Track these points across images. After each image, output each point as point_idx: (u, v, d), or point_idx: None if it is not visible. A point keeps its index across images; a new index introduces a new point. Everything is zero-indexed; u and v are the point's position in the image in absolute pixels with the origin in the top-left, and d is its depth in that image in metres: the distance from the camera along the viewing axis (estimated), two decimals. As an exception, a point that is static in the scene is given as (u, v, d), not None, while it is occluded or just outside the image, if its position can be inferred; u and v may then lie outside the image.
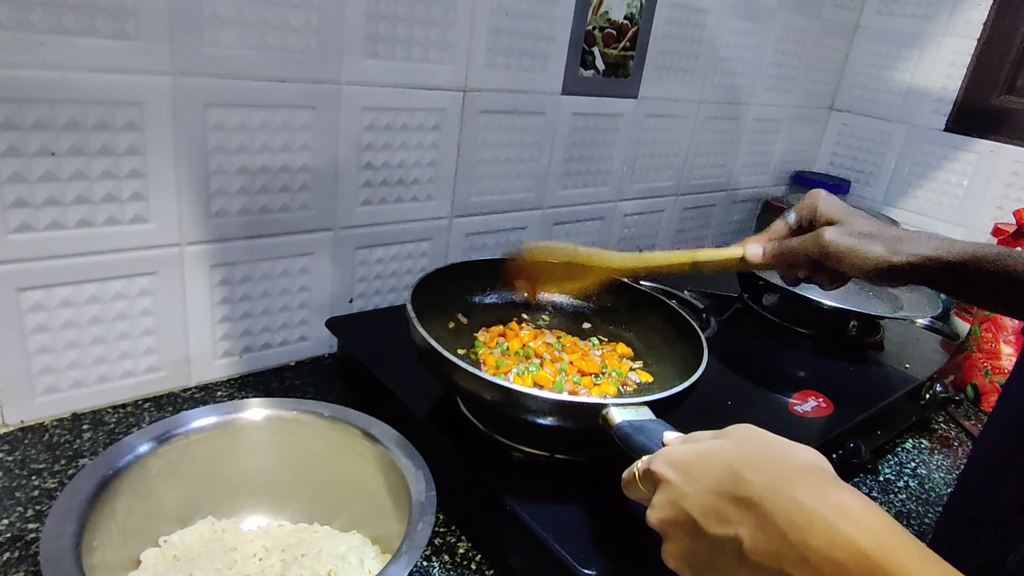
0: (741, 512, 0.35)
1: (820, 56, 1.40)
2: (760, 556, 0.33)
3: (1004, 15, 1.26)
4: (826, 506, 0.32)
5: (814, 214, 0.59)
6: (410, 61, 0.80)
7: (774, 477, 0.34)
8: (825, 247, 0.55)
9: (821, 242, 0.56)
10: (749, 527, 0.34)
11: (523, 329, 0.75)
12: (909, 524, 0.75)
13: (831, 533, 0.31)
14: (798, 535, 0.32)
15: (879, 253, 0.54)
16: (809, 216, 0.59)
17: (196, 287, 0.74)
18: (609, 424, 0.51)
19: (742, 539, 0.34)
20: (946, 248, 0.54)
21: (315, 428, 0.58)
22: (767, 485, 0.34)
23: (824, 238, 0.56)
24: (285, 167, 0.75)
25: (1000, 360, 1.01)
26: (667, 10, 1.05)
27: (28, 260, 0.63)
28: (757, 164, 1.42)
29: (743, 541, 0.34)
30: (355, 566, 0.52)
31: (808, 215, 0.59)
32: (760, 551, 0.33)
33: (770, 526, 0.33)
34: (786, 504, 0.33)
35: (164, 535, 0.53)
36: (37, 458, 0.65)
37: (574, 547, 0.51)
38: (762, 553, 0.33)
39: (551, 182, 1.04)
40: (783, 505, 0.33)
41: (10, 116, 0.58)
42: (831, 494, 0.33)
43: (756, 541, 0.33)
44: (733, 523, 0.35)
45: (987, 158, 1.31)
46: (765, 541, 0.33)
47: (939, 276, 0.55)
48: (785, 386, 0.81)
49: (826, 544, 0.31)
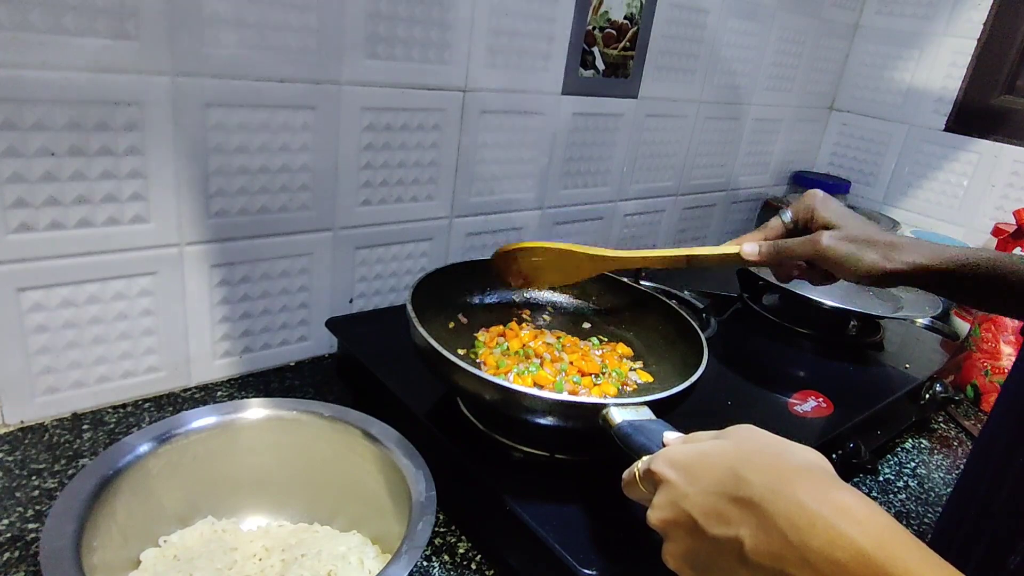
0: (742, 512, 0.35)
1: (820, 56, 1.40)
2: (761, 557, 0.33)
3: (1004, 15, 1.26)
4: (827, 507, 0.32)
5: (811, 215, 0.60)
6: (410, 61, 0.80)
7: (775, 477, 0.34)
8: (822, 252, 0.57)
9: (818, 248, 0.57)
10: (750, 528, 0.34)
11: (523, 329, 0.75)
12: (909, 524, 0.75)
13: (832, 534, 0.31)
14: (799, 536, 0.32)
15: (873, 260, 0.56)
16: (805, 217, 0.60)
17: (196, 287, 0.74)
18: (609, 424, 0.51)
19: (743, 540, 0.34)
20: (939, 255, 0.56)
21: (315, 428, 0.58)
22: (768, 485, 0.34)
23: (821, 244, 0.57)
24: (285, 167, 0.75)
25: (1000, 360, 1.01)
26: (667, 10, 1.05)
27: (28, 260, 0.63)
28: (757, 164, 1.42)
29: (744, 542, 0.34)
30: (355, 566, 0.52)
31: (804, 216, 0.60)
32: (761, 552, 0.33)
33: (771, 527, 0.33)
34: (787, 505, 0.33)
35: (164, 535, 0.53)
36: (37, 458, 0.65)
37: (574, 547, 0.51)
38: (763, 554, 0.33)
39: (551, 182, 1.04)
40: (784, 506, 0.33)
41: (10, 116, 0.58)
42: (832, 494, 0.33)
43: (757, 542, 0.33)
44: (734, 524, 0.35)
45: (987, 158, 1.31)
46: (766, 542, 0.33)
47: (932, 281, 0.56)
48: (785, 386, 0.81)
49: (827, 545, 0.31)
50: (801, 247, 0.58)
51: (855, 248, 0.56)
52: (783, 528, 0.32)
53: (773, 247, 0.60)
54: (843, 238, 0.56)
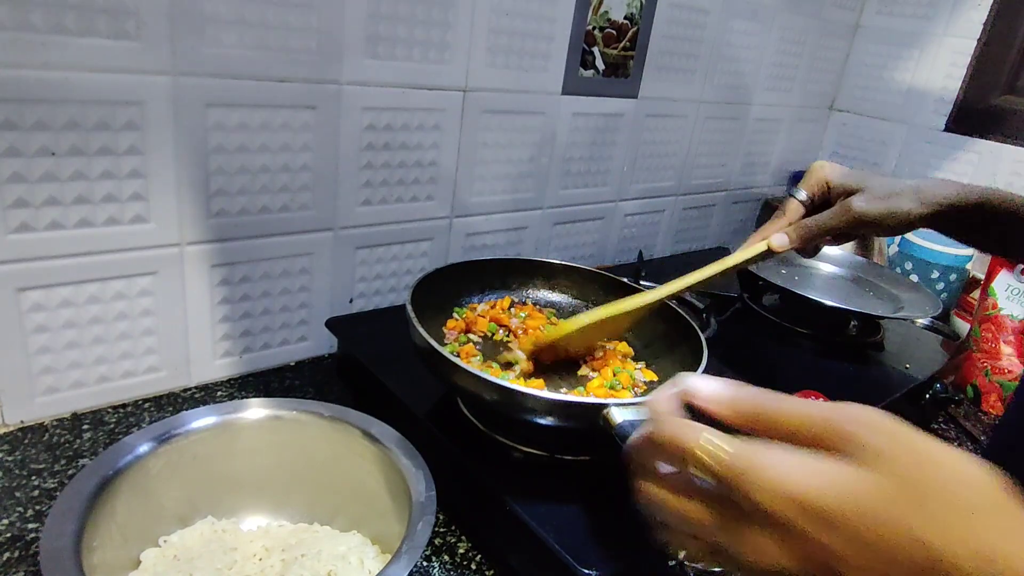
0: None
1: (820, 56, 1.40)
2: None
3: (1004, 15, 1.26)
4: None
5: (826, 187, 0.60)
6: (410, 61, 0.80)
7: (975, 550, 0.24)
8: (859, 218, 0.57)
9: (854, 215, 0.57)
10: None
11: (512, 318, 0.75)
12: (909, 524, 0.75)
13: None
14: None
15: (909, 208, 0.56)
16: (822, 190, 0.60)
17: (196, 287, 0.74)
18: (610, 424, 0.51)
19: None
20: (964, 189, 0.57)
21: (315, 428, 0.58)
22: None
23: (855, 210, 0.57)
24: (285, 167, 0.75)
25: (1000, 360, 1.01)
26: (667, 10, 1.05)
27: (28, 260, 0.63)
28: (757, 164, 1.42)
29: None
30: (355, 566, 0.52)
31: (820, 190, 0.60)
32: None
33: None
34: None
35: (164, 535, 0.53)
36: (37, 458, 0.65)
37: (574, 547, 0.51)
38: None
39: (551, 182, 1.04)
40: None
41: (10, 116, 0.58)
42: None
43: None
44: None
45: (987, 158, 1.31)
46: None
47: (959, 219, 0.57)
48: (785, 386, 0.80)
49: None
50: (836, 219, 0.58)
51: (888, 204, 0.56)
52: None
53: (804, 229, 0.60)
54: (873, 198, 0.57)
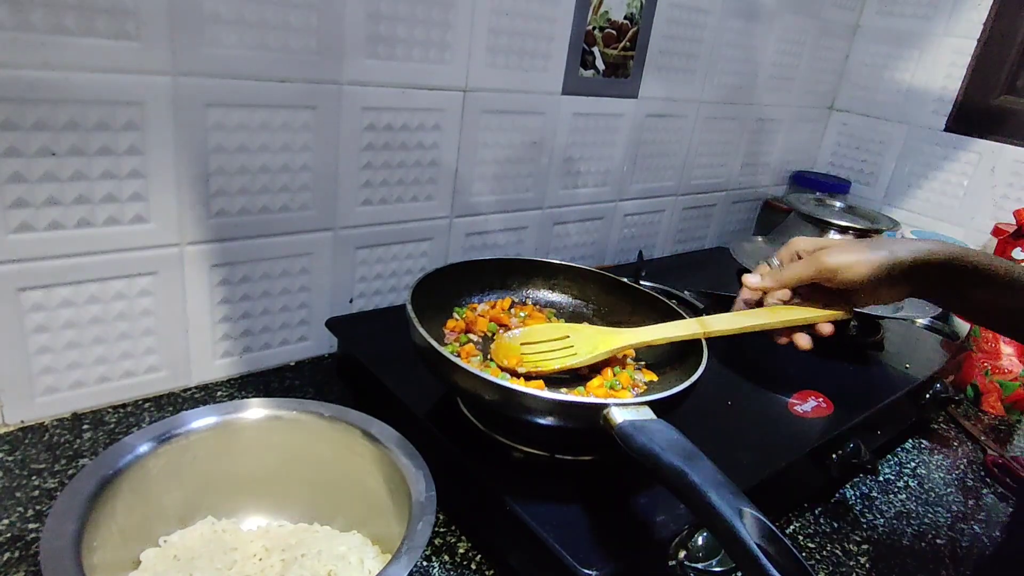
0: None
1: (820, 56, 1.40)
2: None
3: (1004, 15, 1.26)
4: None
5: (797, 256, 0.62)
6: (410, 61, 0.80)
7: None
8: (826, 265, 0.58)
9: (821, 262, 0.58)
10: None
11: (512, 317, 0.75)
12: (909, 524, 0.75)
13: None
14: None
15: (882, 255, 0.57)
16: (792, 258, 0.63)
17: (196, 287, 0.74)
18: (610, 424, 0.51)
19: None
20: (940, 245, 0.57)
21: (315, 428, 0.58)
22: None
23: (823, 258, 0.58)
24: (285, 167, 0.75)
25: (1000, 360, 1.01)
26: (667, 10, 1.05)
27: (28, 260, 0.63)
28: (757, 164, 1.42)
29: None
30: (355, 566, 0.52)
31: (791, 258, 0.63)
32: None
33: None
34: None
35: (164, 535, 0.53)
36: (37, 458, 0.65)
37: (574, 547, 0.51)
38: None
39: (551, 182, 1.04)
40: None
41: (10, 116, 0.58)
42: None
43: None
44: None
45: (987, 158, 1.31)
46: None
47: (934, 275, 0.58)
48: (785, 386, 0.81)
49: None
50: (804, 268, 0.59)
51: (858, 252, 0.57)
52: None
53: (776, 274, 0.62)
54: (841, 251, 0.58)
